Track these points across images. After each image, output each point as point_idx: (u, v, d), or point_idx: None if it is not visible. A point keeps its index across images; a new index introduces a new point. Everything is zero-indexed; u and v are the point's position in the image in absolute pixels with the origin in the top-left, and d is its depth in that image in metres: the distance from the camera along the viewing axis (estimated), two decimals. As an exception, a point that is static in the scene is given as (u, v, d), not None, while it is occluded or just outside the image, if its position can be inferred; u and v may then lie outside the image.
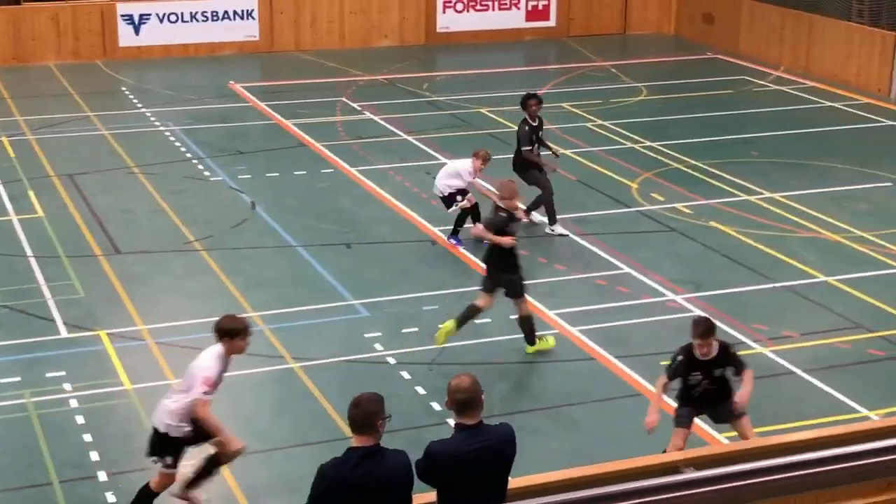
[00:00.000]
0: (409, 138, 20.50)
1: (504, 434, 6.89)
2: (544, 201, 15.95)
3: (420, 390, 11.43)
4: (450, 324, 12.12)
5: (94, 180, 17.89)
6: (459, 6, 29.29)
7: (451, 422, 10.30)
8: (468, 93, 23.97)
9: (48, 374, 11.59)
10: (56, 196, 17.10)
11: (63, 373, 11.62)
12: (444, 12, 29.15)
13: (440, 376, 11.49)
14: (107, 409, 11.03)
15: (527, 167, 15.96)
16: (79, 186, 17.54)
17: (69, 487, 9.66)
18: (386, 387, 11.26)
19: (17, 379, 11.47)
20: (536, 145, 16.06)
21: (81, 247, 15.14)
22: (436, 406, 11.00)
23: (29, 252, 14.87)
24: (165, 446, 8.84)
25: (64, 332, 12.60)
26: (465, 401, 6.75)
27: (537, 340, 12.28)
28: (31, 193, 17.14)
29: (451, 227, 15.50)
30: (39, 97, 23.15)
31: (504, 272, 12.02)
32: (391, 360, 12.12)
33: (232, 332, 8.86)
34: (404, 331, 12.81)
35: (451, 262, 14.88)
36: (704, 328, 9.25)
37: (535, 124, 15.97)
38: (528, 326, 12.22)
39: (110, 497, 9.54)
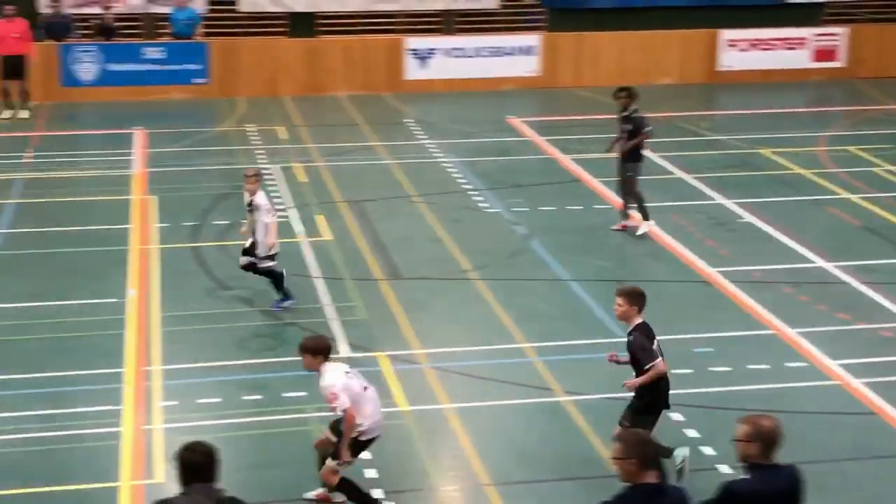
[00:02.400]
0: (685, 177, 20.30)
1: (795, 474, 6.96)
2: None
3: (692, 433, 11.27)
4: None
5: (379, 207, 18.58)
6: (743, 45, 28.80)
7: (725, 468, 10.18)
8: (748, 133, 23.51)
9: (330, 392, 12.08)
10: (342, 221, 17.86)
11: (344, 391, 12.08)
12: (726, 51, 28.74)
13: (713, 421, 11.33)
14: (383, 428, 11.39)
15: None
16: (364, 213, 18.26)
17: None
18: (655, 429, 11.18)
19: (303, 394, 12.01)
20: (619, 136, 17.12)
21: (365, 271, 15.75)
22: (708, 450, 10.83)
23: (316, 273, 15.58)
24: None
25: (346, 352, 13.12)
26: (776, 443, 6.85)
27: None
28: (320, 217, 17.97)
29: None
30: (330, 126, 24.25)
31: None
32: (662, 401, 12.00)
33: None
34: (676, 372, 12.65)
35: (726, 304, 14.62)
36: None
37: (622, 114, 17.05)
38: None
39: (385, 514, 9.88)
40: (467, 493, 10.32)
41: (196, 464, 6.51)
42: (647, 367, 9.78)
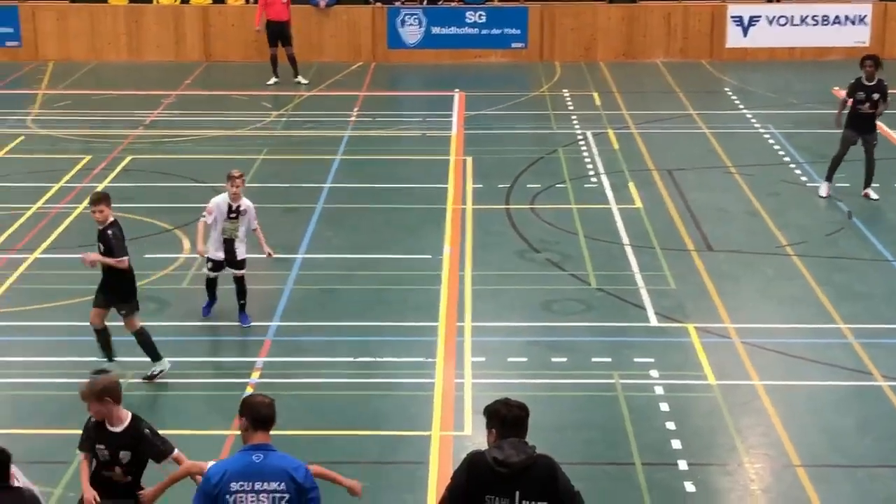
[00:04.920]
0: None
1: None
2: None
3: None
4: None
5: (692, 177, 18.28)
6: None
7: None
8: None
9: (636, 360, 12.07)
10: (654, 189, 17.69)
11: (651, 360, 12.04)
12: None
13: None
14: (690, 400, 11.28)
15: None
16: (676, 182, 18.01)
17: (650, 471, 10.02)
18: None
19: (608, 360, 12.05)
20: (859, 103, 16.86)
21: (675, 240, 15.55)
22: None
23: (625, 241, 15.52)
24: None
25: (654, 321, 13.04)
26: None
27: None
28: (632, 185, 17.86)
29: None
30: (645, 93, 24.02)
31: None
32: None
33: None
34: None
35: None
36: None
37: (867, 83, 16.85)
38: None
39: (689, 486, 9.77)
40: (776, 473, 10.06)
41: (510, 418, 6.63)
42: (121, 259, 11.30)
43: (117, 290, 11.57)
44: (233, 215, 12.74)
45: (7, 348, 12.43)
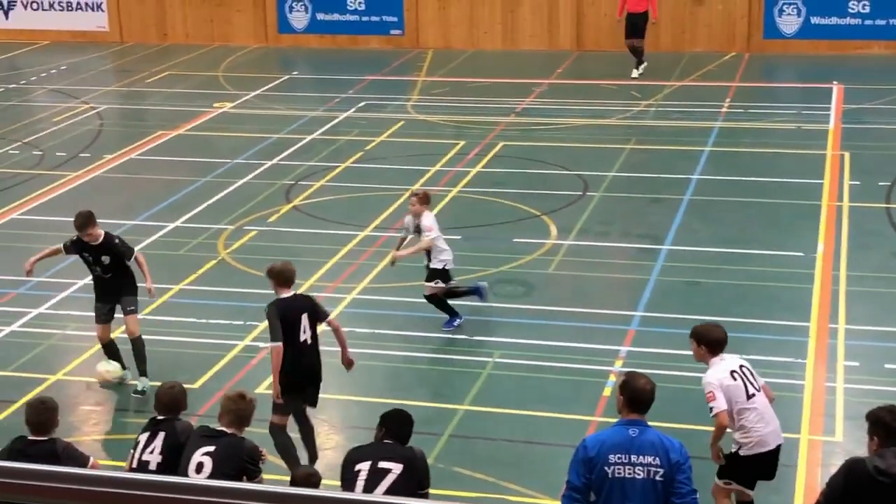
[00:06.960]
0: None
1: None
2: None
3: None
4: None
5: None
6: None
7: None
8: None
9: None
10: None
11: None
12: None
13: None
14: None
15: None
16: None
17: None
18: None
19: None
20: None
21: None
22: None
23: None
24: None
25: None
26: None
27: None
28: None
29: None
30: None
31: None
32: None
33: None
34: None
35: None
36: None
37: None
38: None
39: None
40: None
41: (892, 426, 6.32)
42: (137, 254, 11.53)
43: (126, 288, 11.36)
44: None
45: (376, 320, 13.07)
